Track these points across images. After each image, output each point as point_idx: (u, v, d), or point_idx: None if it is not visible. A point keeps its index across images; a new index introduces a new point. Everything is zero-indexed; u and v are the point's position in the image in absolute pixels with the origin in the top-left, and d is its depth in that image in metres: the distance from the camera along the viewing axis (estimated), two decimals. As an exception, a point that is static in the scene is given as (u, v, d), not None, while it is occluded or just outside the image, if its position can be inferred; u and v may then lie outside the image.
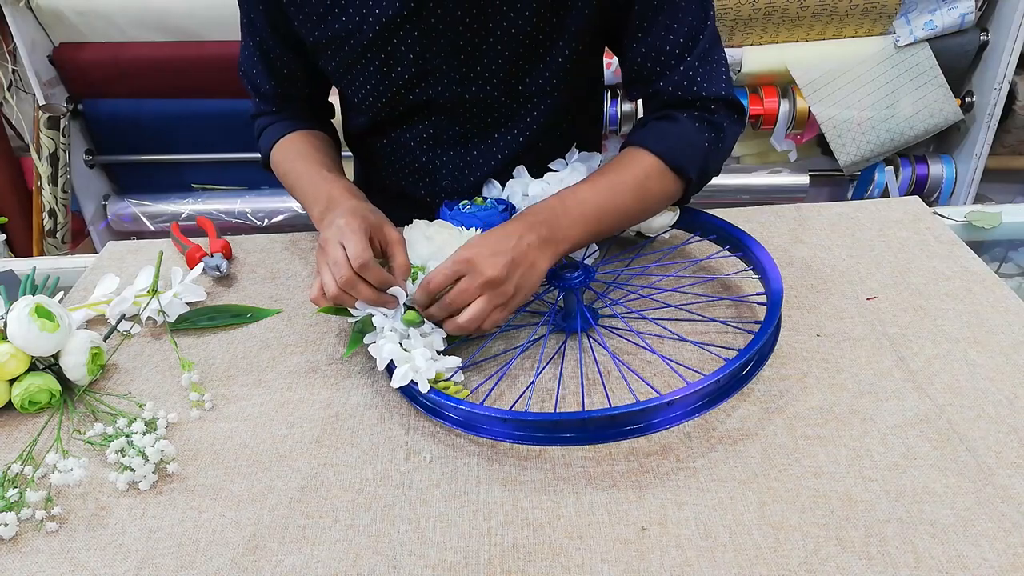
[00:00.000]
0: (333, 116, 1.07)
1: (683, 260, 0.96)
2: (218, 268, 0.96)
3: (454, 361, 0.76)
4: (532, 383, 0.77)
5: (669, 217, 0.92)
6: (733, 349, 0.80)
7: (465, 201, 0.90)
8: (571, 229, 0.79)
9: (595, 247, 0.92)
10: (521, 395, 0.76)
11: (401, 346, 0.75)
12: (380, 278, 0.76)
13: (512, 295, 0.75)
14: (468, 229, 0.84)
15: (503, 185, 0.97)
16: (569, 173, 0.92)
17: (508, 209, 0.89)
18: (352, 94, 0.94)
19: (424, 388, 0.72)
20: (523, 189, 0.94)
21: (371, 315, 0.77)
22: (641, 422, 0.68)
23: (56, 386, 0.79)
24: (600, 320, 0.85)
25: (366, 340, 0.78)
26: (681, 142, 0.84)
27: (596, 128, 1.08)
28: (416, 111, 0.94)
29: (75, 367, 0.80)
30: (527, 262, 0.75)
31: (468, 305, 0.74)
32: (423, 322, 0.77)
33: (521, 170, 0.96)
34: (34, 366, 0.80)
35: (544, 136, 0.96)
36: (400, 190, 1.03)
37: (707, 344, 0.81)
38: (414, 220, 0.86)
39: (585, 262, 0.84)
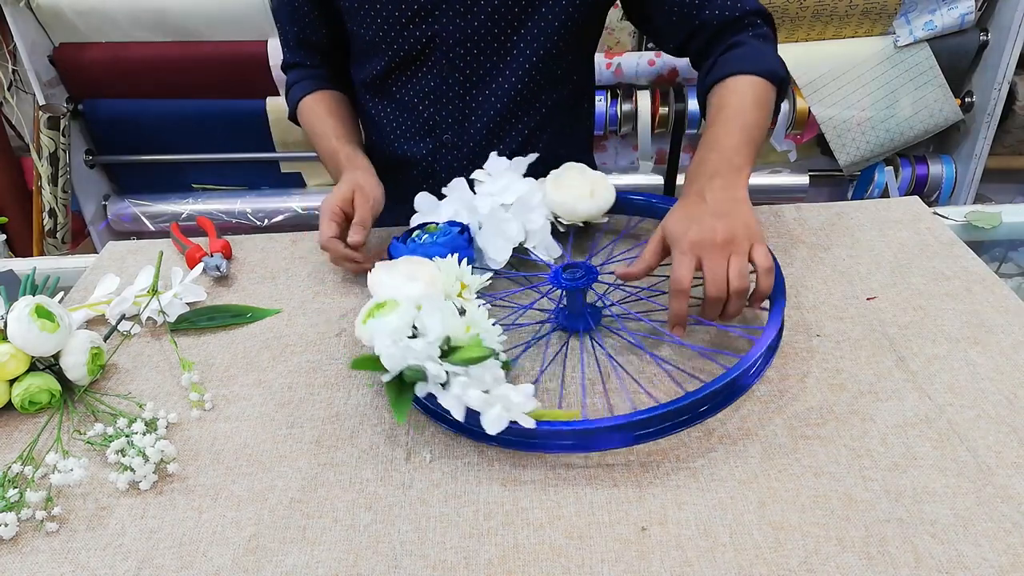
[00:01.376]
0: (351, 85, 1.13)
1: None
2: (218, 268, 0.96)
3: (527, 388, 0.68)
4: (538, 380, 0.77)
5: (604, 203, 0.93)
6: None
7: (416, 232, 0.88)
8: (735, 158, 0.83)
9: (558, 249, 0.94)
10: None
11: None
12: (342, 255, 0.90)
13: (741, 236, 0.76)
14: (436, 259, 0.81)
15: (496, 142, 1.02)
16: (509, 176, 0.92)
17: (463, 229, 0.88)
18: (364, 31, 0.99)
19: (530, 423, 0.66)
20: (467, 203, 0.93)
21: (416, 366, 0.68)
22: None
23: (56, 386, 0.79)
24: (603, 320, 0.85)
25: (420, 392, 0.70)
26: (760, 54, 0.90)
27: (588, 102, 1.14)
28: (422, 54, 0.98)
29: (75, 367, 0.80)
30: (731, 204, 0.78)
31: (729, 277, 0.74)
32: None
33: (461, 182, 0.96)
34: (34, 366, 0.80)
35: (538, 91, 1.02)
36: (402, 155, 1.08)
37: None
38: (376, 265, 0.80)
39: (589, 263, 0.84)
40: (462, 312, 0.74)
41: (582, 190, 0.93)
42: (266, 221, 2.13)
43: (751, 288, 0.76)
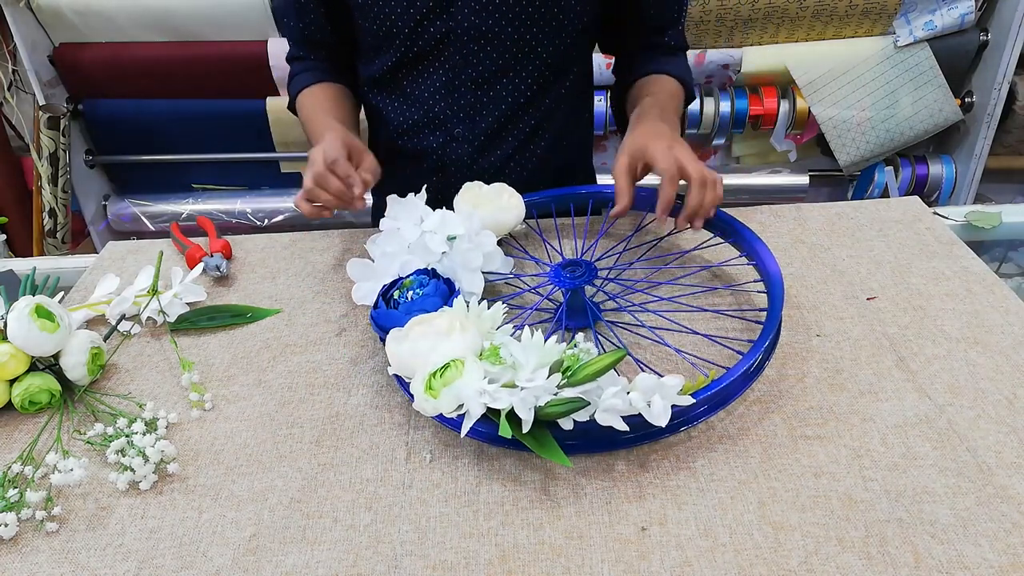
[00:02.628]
0: (355, 83, 1.13)
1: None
2: (218, 268, 0.96)
3: (651, 376, 0.66)
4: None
5: (521, 210, 0.96)
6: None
7: (396, 293, 0.82)
8: (675, 123, 0.99)
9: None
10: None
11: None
12: (347, 171, 0.87)
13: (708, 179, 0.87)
14: (435, 311, 0.77)
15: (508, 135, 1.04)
16: (420, 213, 0.90)
17: (434, 274, 0.83)
18: (377, 27, 0.99)
19: (689, 400, 0.66)
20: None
21: (565, 398, 0.66)
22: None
23: (56, 386, 0.79)
24: (605, 315, 0.85)
25: (566, 425, 0.67)
26: (688, 72, 1.09)
27: (589, 93, 1.17)
28: (435, 50, 0.99)
29: (75, 367, 0.80)
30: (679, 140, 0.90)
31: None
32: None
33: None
34: (34, 366, 0.80)
35: (548, 85, 1.04)
36: (412, 149, 1.08)
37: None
38: (389, 338, 0.74)
39: (583, 259, 0.84)
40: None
41: (498, 203, 0.94)
42: (266, 221, 2.13)
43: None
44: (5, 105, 2.09)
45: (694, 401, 0.66)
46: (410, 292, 0.81)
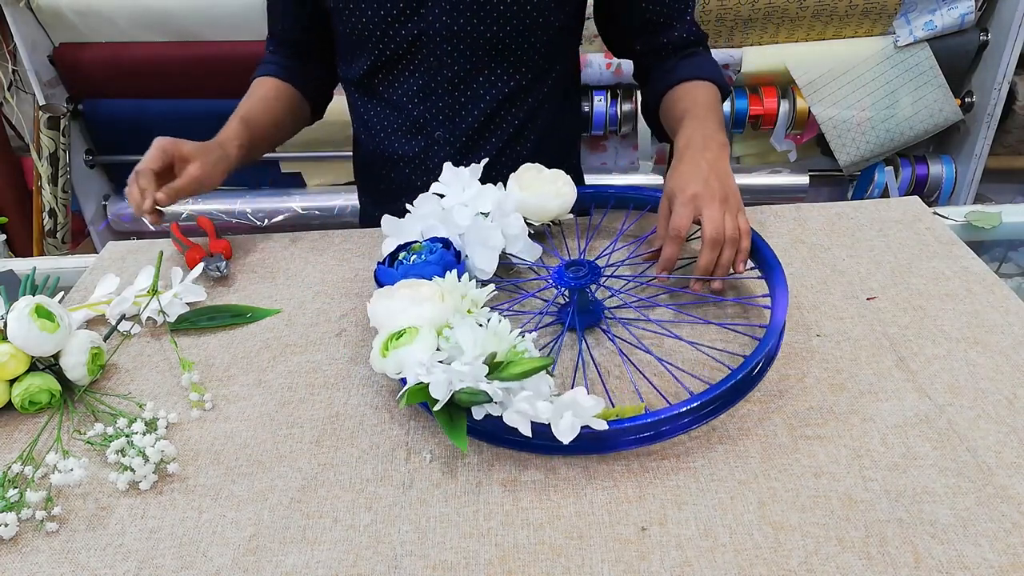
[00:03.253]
0: (323, 91, 1.15)
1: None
2: (218, 268, 0.96)
3: (582, 391, 0.66)
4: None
5: (570, 198, 0.95)
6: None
7: (403, 254, 0.85)
8: (720, 134, 0.92)
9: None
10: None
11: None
12: (143, 185, 0.92)
13: (735, 199, 0.85)
14: (432, 279, 0.79)
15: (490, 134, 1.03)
16: (471, 184, 0.92)
17: (447, 244, 0.85)
18: (350, 30, 0.99)
19: (602, 425, 0.65)
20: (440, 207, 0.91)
21: (471, 389, 0.66)
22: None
23: (56, 386, 0.79)
24: (608, 316, 0.85)
25: (477, 415, 0.68)
26: (716, 68, 1.04)
27: (575, 94, 1.16)
28: (408, 52, 0.98)
29: (75, 367, 0.80)
30: (724, 170, 0.87)
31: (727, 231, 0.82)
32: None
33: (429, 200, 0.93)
34: (34, 366, 0.80)
35: (528, 85, 1.03)
36: (393, 153, 1.09)
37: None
38: (374, 294, 0.78)
39: (585, 258, 0.84)
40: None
41: (548, 188, 0.93)
42: (266, 221, 2.13)
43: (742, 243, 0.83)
44: (5, 105, 2.09)
45: (606, 427, 0.65)
46: (415, 256, 0.83)
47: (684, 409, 0.68)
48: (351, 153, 1.19)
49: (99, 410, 0.78)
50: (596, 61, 1.94)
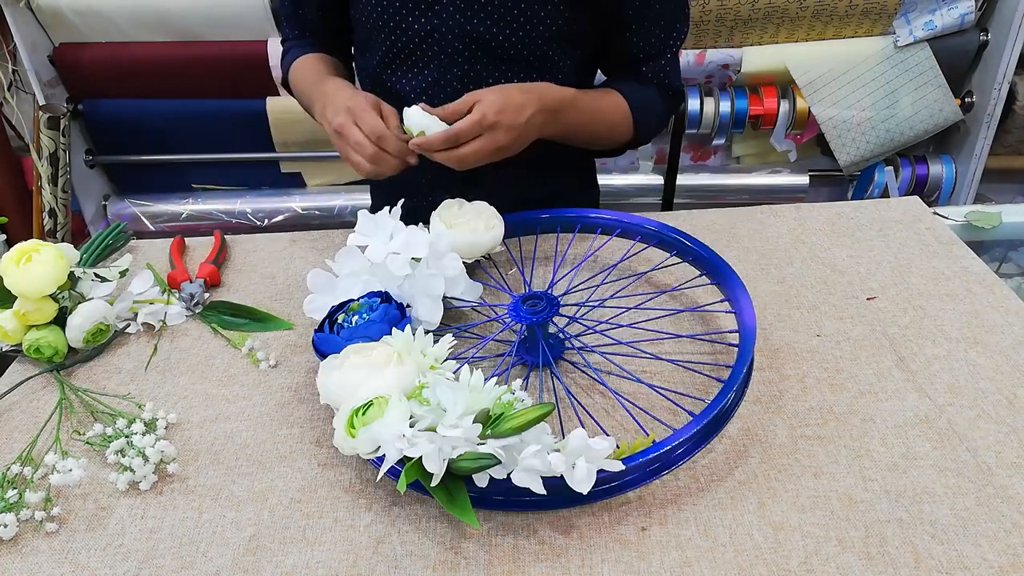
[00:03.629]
0: (351, 58, 1.15)
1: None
2: (192, 296, 0.92)
3: (582, 433, 0.61)
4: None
5: (500, 231, 0.90)
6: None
7: (341, 316, 0.77)
8: (562, 127, 0.94)
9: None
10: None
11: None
12: (397, 147, 0.85)
13: (505, 155, 0.87)
14: (380, 339, 0.72)
15: None
16: (392, 228, 0.84)
17: (386, 297, 0.78)
18: (365, 19, 0.99)
19: (618, 466, 0.61)
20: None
21: (474, 454, 0.60)
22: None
23: (63, 348, 0.85)
24: (565, 353, 0.81)
25: (480, 482, 0.62)
26: (650, 113, 1.03)
27: None
28: (419, 48, 0.98)
29: (77, 328, 0.84)
30: (526, 138, 0.88)
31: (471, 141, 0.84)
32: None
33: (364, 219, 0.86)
34: (59, 320, 0.85)
35: None
36: None
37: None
38: (321, 367, 0.71)
39: (549, 292, 0.79)
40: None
41: (476, 223, 0.89)
42: (266, 221, 2.13)
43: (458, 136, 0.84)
44: (5, 105, 2.09)
45: (623, 467, 0.61)
46: (355, 316, 0.75)
47: (683, 438, 0.65)
48: None
49: (98, 410, 0.78)
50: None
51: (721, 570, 0.60)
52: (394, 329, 0.71)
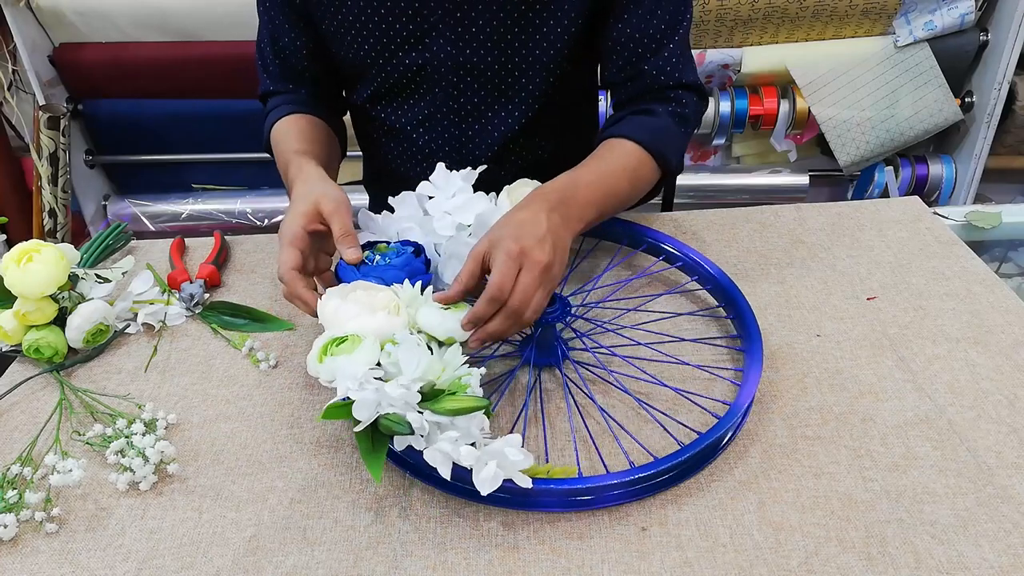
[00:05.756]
0: (343, 112, 1.08)
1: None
2: (192, 297, 0.92)
3: (515, 439, 0.62)
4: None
5: None
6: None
7: (367, 252, 0.76)
8: (584, 210, 0.79)
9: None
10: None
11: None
12: (295, 291, 0.74)
13: (557, 276, 0.73)
14: (392, 285, 0.72)
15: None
16: (461, 190, 0.83)
17: (418, 250, 0.77)
18: (352, 56, 0.94)
19: (527, 483, 0.62)
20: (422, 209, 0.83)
21: (396, 417, 0.62)
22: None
23: (63, 348, 0.84)
24: (570, 359, 0.80)
25: (398, 446, 0.64)
26: (663, 134, 0.88)
27: (590, 129, 1.09)
28: (412, 82, 0.95)
29: (76, 329, 0.84)
30: (562, 242, 0.73)
31: (529, 300, 0.69)
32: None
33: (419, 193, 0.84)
34: (58, 320, 0.85)
35: (538, 120, 0.97)
36: (403, 176, 1.04)
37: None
38: (327, 291, 0.72)
39: (559, 293, 0.78)
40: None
41: None
42: (266, 221, 2.13)
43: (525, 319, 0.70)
44: (5, 105, 2.08)
45: (530, 486, 0.61)
46: (379, 257, 0.76)
47: (614, 481, 0.64)
48: (350, 154, 1.18)
49: (98, 411, 0.78)
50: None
51: (721, 570, 0.60)
52: (406, 281, 0.72)
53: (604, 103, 1.95)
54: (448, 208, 0.81)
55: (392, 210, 0.84)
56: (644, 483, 0.65)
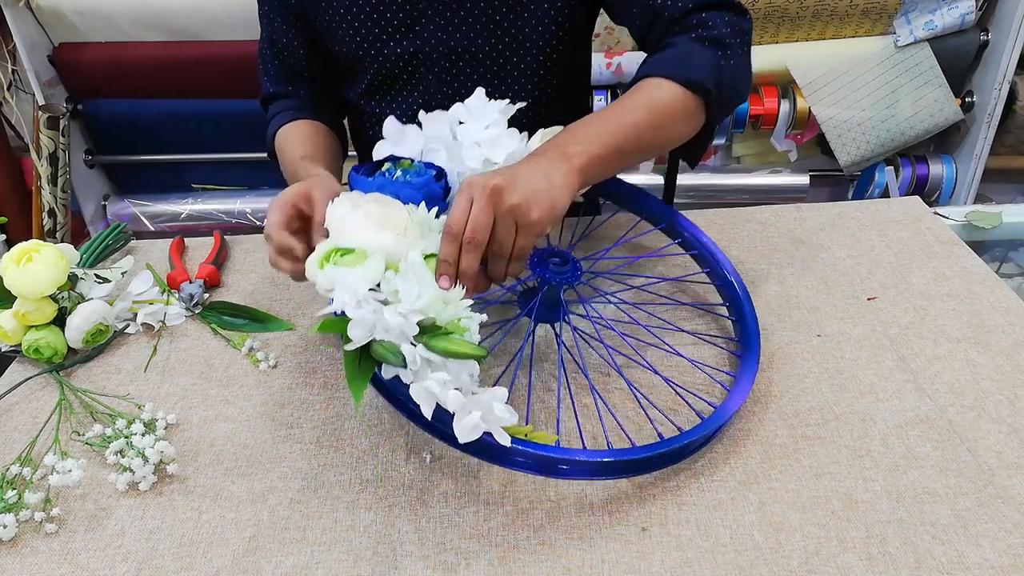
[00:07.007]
0: (343, 114, 1.08)
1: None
2: (192, 297, 0.92)
3: (502, 393, 0.61)
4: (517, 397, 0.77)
5: None
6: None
7: (387, 165, 0.73)
8: (587, 142, 0.73)
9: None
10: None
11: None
12: (282, 242, 0.73)
13: (516, 201, 0.67)
14: (408, 204, 0.69)
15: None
16: (496, 123, 0.77)
17: (440, 174, 0.74)
18: (345, 50, 0.95)
19: (505, 439, 0.60)
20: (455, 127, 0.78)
21: (389, 344, 0.61)
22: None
23: (63, 348, 0.85)
24: (567, 323, 0.79)
25: (386, 374, 0.63)
26: (685, 57, 0.80)
27: (582, 110, 1.08)
28: (404, 71, 0.95)
29: (76, 329, 0.84)
30: (536, 171, 0.69)
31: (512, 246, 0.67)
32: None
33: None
34: (58, 320, 0.85)
35: (531, 111, 0.95)
36: None
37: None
38: (340, 195, 0.70)
39: (570, 254, 0.77)
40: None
41: None
42: (266, 221, 2.13)
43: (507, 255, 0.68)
44: (5, 105, 2.08)
45: (508, 444, 0.60)
46: (399, 173, 0.72)
47: (584, 459, 0.64)
48: (350, 155, 1.18)
49: (98, 411, 0.78)
50: (596, 60, 1.94)
51: (721, 570, 0.60)
52: (423, 203, 0.69)
53: (604, 101, 1.95)
54: (479, 139, 0.75)
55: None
56: (618, 467, 0.65)
